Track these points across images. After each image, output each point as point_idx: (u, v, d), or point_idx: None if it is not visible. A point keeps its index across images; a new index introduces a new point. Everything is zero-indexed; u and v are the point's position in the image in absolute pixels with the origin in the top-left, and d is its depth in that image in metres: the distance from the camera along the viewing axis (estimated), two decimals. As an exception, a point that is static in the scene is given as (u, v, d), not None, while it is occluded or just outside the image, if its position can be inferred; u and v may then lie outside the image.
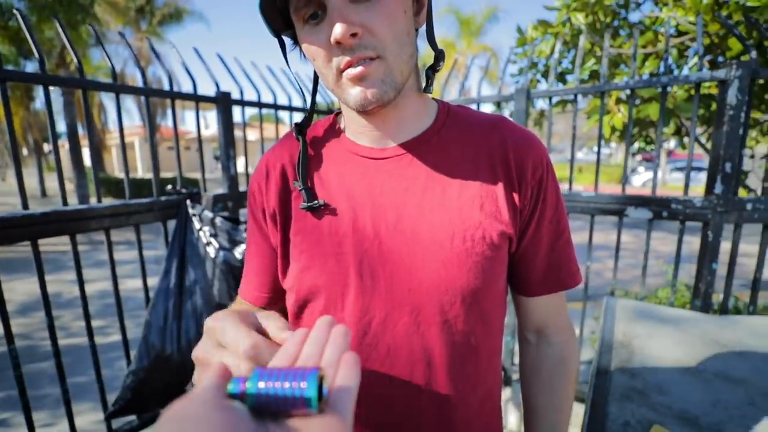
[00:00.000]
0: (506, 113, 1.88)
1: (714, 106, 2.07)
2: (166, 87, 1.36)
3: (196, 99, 1.46)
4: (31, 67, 11.76)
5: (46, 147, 16.79)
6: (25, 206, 1.10)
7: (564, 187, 1.59)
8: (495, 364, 0.58)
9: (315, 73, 0.56)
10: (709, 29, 1.95)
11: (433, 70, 0.52)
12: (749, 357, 0.88)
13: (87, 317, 1.22)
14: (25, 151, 16.07)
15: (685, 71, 2.29)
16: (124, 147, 1.29)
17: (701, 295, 1.37)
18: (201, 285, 1.31)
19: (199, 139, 1.49)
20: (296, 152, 0.56)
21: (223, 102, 1.53)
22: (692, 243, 5.37)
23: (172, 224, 1.40)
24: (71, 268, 5.55)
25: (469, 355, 0.53)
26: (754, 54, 1.26)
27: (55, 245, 6.28)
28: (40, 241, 1.11)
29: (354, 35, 0.42)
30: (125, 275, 4.29)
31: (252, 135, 12.66)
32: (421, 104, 0.54)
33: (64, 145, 12.15)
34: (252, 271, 0.61)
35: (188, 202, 1.36)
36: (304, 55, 0.49)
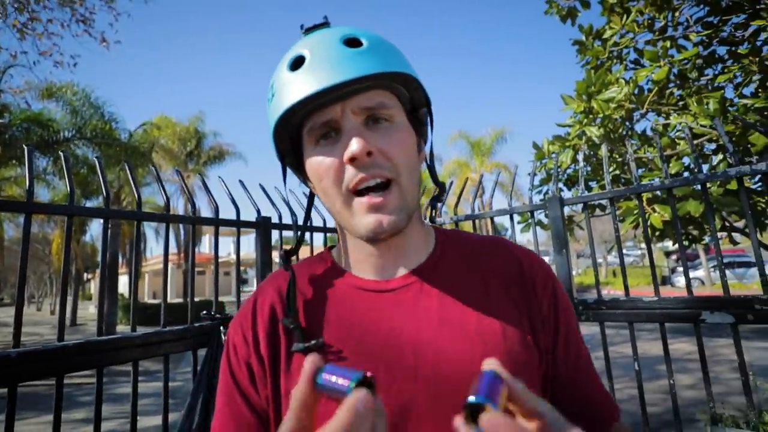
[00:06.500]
0: (542, 217, 1.88)
1: (755, 198, 2.03)
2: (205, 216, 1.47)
3: (238, 225, 1.53)
4: (89, 204, 13.75)
5: (85, 276, 17.74)
6: (61, 338, 1.07)
7: (619, 293, 1.47)
8: None
9: (309, 197, 0.57)
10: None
11: (437, 200, 0.55)
12: None
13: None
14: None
15: (707, 167, 2.31)
16: (166, 272, 1.31)
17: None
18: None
19: (238, 263, 1.51)
20: (286, 287, 0.51)
21: (264, 226, 1.60)
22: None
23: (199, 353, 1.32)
24: (83, 405, 5.21)
25: None
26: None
27: (68, 377, 5.95)
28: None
29: (369, 154, 0.43)
30: (139, 411, 3.97)
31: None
32: (423, 231, 0.54)
33: (97, 274, 12.92)
34: None
35: (222, 328, 1.31)
36: (304, 182, 0.51)
